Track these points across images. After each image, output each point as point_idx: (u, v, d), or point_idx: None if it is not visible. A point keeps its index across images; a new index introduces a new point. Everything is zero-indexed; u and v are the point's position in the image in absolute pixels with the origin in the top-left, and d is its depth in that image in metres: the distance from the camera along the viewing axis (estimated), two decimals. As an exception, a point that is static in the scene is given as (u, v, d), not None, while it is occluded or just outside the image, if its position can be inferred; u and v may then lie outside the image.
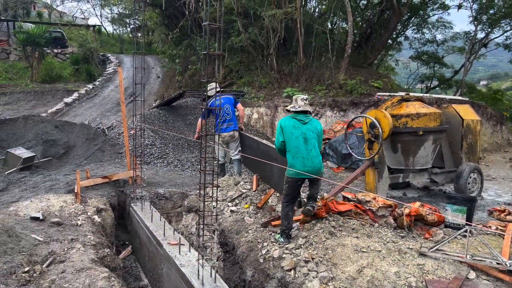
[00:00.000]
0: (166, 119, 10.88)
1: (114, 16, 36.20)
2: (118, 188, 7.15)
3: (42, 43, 22.91)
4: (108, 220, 6.05)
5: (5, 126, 8.93)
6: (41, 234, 4.90)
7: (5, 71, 24.28)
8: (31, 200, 5.94)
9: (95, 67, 24.58)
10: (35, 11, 36.40)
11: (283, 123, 4.79)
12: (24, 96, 21.22)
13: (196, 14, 14.06)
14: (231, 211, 6.00)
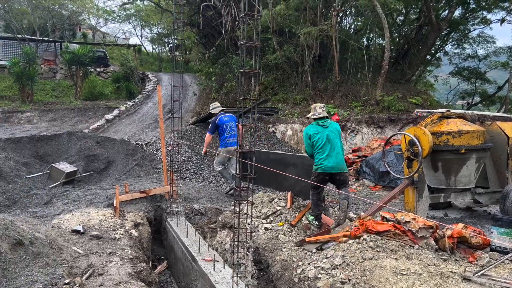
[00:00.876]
0: (202, 135, 11.06)
1: (154, 36, 37.58)
2: (155, 202, 7.28)
3: (86, 62, 24.06)
4: (145, 234, 6.16)
5: (50, 141, 9.38)
6: (81, 247, 5.05)
7: (51, 89, 25.63)
8: (73, 213, 6.15)
9: (135, 85, 25.48)
10: (81, 32, 38.39)
11: (309, 131, 5.65)
12: (68, 112, 22.26)
13: (232, 33, 14.35)
14: (265, 229, 5.96)
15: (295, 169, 6.29)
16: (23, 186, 7.34)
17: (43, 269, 4.16)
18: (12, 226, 4.51)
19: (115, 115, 18.79)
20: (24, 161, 8.42)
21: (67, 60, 23.80)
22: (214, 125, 7.55)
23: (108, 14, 35.40)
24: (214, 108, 7.83)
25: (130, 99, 23.32)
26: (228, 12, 13.55)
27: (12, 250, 4.13)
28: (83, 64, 24.00)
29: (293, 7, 12.18)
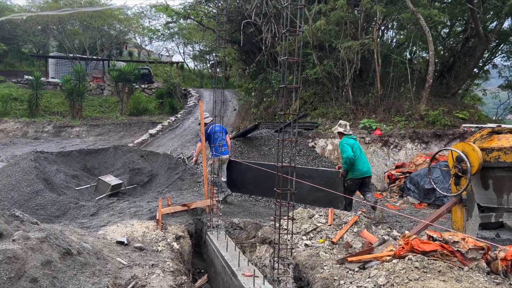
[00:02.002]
0: (242, 149, 11.15)
1: (196, 53, 38.65)
2: (195, 216, 7.38)
3: (131, 79, 25.10)
4: (186, 247, 6.24)
5: (98, 155, 9.80)
6: (125, 258, 5.18)
7: (99, 105, 26.88)
8: (117, 225, 6.34)
9: (177, 101, 26.22)
10: (127, 50, 40.17)
11: (349, 142, 7.03)
12: (114, 127, 23.22)
13: (272, 48, 14.50)
14: (305, 245, 5.86)
15: (312, 180, 7.14)
16: (72, 197, 7.68)
17: (89, 278, 4.29)
18: (62, 236, 4.71)
19: (158, 130, 19.37)
20: (73, 174, 8.83)
21: (114, 77, 24.96)
22: (206, 134, 7.77)
23: (153, 33, 36.85)
24: (206, 118, 7.97)
25: (173, 114, 24.01)
26: (268, 28, 13.73)
27: (61, 259, 4.30)
28: (129, 81, 25.07)
29: (333, 22, 12.16)
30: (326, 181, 7.01)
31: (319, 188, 6.76)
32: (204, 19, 18.08)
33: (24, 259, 3.88)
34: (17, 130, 22.10)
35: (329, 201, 7.03)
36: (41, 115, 23.85)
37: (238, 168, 8.13)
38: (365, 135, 11.15)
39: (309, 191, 7.07)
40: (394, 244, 5.17)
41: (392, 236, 6.02)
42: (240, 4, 13.81)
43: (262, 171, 7.55)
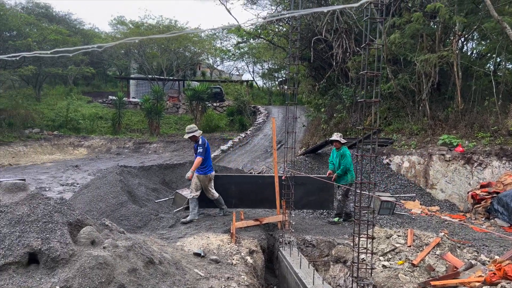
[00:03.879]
0: (312, 166, 11.06)
1: (264, 71, 39.41)
2: (267, 231, 7.40)
3: (204, 98, 26.18)
4: (259, 262, 6.27)
5: (175, 169, 10.29)
6: (202, 269, 5.33)
7: (174, 123, 28.31)
8: (194, 237, 6.56)
9: (247, 118, 26.81)
10: (200, 71, 42.09)
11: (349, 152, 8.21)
12: (188, 144, 24.24)
13: (343, 64, 14.34)
14: (383, 266, 5.61)
15: (304, 187, 7.82)
16: (152, 209, 8.11)
17: (170, 287, 4.47)
18: (145, 245, 4.98)
19: (229, 146, 19.90)
20: (153, 187, 9.34)
21: (188, 96, 26.23)
22: (205, 148, 7.31)
23: (224, 53, 38.33)
24: (195, 131, 7.39)
25: (242, 131, 24.56)
26: (340, 44, 13.63)
27: (145, 267, 4.53)
28: (202, 99, 26.19)
29: (408, 35, 11.74)
30: (318, 187, 7.84)
31: (310, 193, 7.82)
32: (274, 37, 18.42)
33: (113, 265, 4.15)
34: (102, 146, 23.98)
35: (320, 203, 7.98)
36: (123, 132, 25.68)
37: (220, 182, 8.01)
38: (445, 152, 10.50)
39: (301, 196, 7.78)
40: (483, 270, 4.77)
41: (480, 260, 5.56)
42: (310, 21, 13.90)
43: (247, 183, 8.03)
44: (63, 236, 4.27)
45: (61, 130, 24.76)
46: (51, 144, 23.09)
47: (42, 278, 3.89)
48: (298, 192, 7.59)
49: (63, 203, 4.79)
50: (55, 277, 3.88)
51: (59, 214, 4.55)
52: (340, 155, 8.04)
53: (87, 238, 4.42)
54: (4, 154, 20.29)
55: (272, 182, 7.61)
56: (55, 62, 27.41)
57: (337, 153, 8.21)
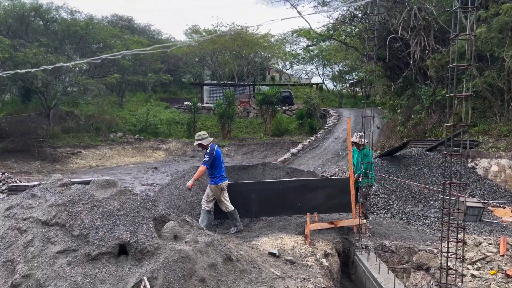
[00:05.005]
0: (388, 169, 10.60)
1: (335, 73, 38.76)
2: (342, 235, 7.22)
3: (274, 102, 26.40)
4: (334, 265, 6.14)
5: (248, 170, 10.45)
6: (277, 269, 5.33)
7: (245, 127, 28.87)
8: (268, 237, 6.60)
9: (316, 121, 26.54)
10: (269, 75, 42.53)
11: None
12: (258, 147, 24.61)
13: (421, 62, 13.61)
14: (471, 275, 5.19)
15: (327, 190, 7.45)
16: (227, 209, 8.28)
17: (248, 285, 4.53)
18: (223, 242, 5.10)
19: (299, 149, 19.82)
20: (227, 188, 9.55)
21: (258, 100, 26.63)
22: (211, 157, 6.75)
23: (294, 57, 38.35)
24: (204, 139, 6.87)
25: (312, 134, 24.33)
26: (417, 42, 12.95)
27: (223, 263, 4.64)
28: (272, 103, 26.43)
29: (496, 29, 10.82)
30: (340, 189, 7.40)
31: (333, 196, 7.40)
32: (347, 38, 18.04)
33: (194, 260, 4.30)
34: (178, 149, 25.14)
35: (343, 206, 7.40)
36: (197, 136, 26.72)
37: (239, 190, 7.57)
38: (541, 154, 9.49)
39: (324, 200, 7.43)
40: None
41: None
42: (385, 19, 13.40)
43: (267, 189, 7.55)
44: (149, 230, 4.52)
45: (141, 134, 26.41)
46: (132, 147, 24.71)
47: (131, 269, 4.14)
48: (320, 196, 7.43)
49: (148, 199, 5.08)
50: (142, 268, 4.11)
51: (145, 209, 4.83)
52: (363, 155, 7.59)
53: (170, 233, 4.63)
54: (92, 156, 22.11)
55: (294, 186, 7.49)
56: (136, 70, 29.35)
57: (359, 153, 7.76)
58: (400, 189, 9.68)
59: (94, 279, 3.98)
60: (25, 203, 5.15)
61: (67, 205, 4.73)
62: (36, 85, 22.37)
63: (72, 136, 23.80)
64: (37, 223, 4.63)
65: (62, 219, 4.57)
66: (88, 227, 4.44)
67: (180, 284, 4.01)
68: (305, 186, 7.54)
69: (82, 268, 4.09)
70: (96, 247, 4.25)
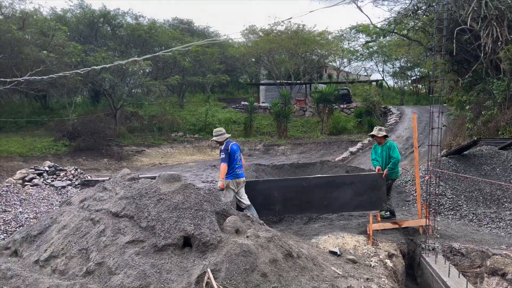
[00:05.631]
0: (457, 168, 9.99)
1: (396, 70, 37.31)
2: (406, 235, 6.91)
3: (331, 100, 25.93)
4: (399, 266, 5.89)
5: (306, 168, 10.39)
6: (339, 268, 5.21)
7: (301, 125, 28.66)
8: (329, 235, 6.48)
9: (376, 119, 25.70)
10: (326, 73, 41.91)
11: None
12: (315, 146, 24.31)
13: (493, 55, 12.67)
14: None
15: (354, 186, 7.16)
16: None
17: (309, 282, 4.47)
18: (283, 239, 5.08)
19: (358, 148, 19.31)
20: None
21: (315, 99, 26.31)
22: (227, 153, 6.69)
23: (352, 54, 37.43)
24: (219, 135, 6.89)
25: (372, 133, 23.58)
26: (489, 33, 12.06)
27: (284, 259, 4.62)
28: (329, 101, 25.99)
29: None
30: (369, 185, 7.15)
31: (360, 193, 7.10)
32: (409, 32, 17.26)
33: (256, 254, 4.32)
34: (235, 148, 25.55)
35: (373, 203, 7.16)
36: (253, 135, 26.98)
37: (262, 188, 7.31)
38: None
39: (351, 198, 7.16)
40: None
41: None
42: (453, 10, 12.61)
43: (290, 187, 7.27)
44: (211, 223, 4.61)
45: (200, 134, 27.16)
46: (192, 146, 25.49)
47: (195, 260, 4.25)
48: (347, 193, 7.14)
49: (210, 193, 5.19)
50: (206, 260, 4.20)
51: (208, 203, 4.94)
52: (388, 148, 7.29)
53: (232, 227, 4.69)
54: (156, 155, 23.12)
55: (319, 184, 7.25)
56: (196, 71, 30.24)
57: (382, 147, 7.43)
58: (470, 189, 9.07)
59: (160, 269, 4.13)
60: (97, 196, 5.48)
61: (135, 198, 4.96)
62: (104, 88, 23.80)
63: (137, 135, 25.03)
64: (108, 215, 4.90)
65: (131, 211, 4.80)
66: (155, 219, 4.63)
67: (242, 278, 4.04)
68: (330, 183, 7.28)
69: (149, 258, 4.26)
70: (163, 239, 4.41)
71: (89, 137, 21.13)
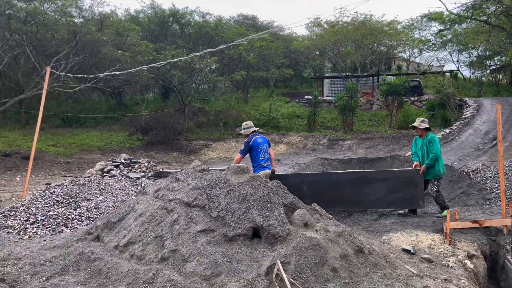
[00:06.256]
0: (549, 165, 9.07)
1: (473, 59, 34.70)
2: (488, 236, 6.41)
3: (401, 92, 24.77)
4: (480, 268, 5.48)
5: (375, 163, 10.03)
6: (413, 267, 4.96)
7: (368, 119, 27.75)
8: (401, 233, 6.20)
9: (451, 112, 24.16)
10: (395, 65, 40.11)
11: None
12: (383, 140, 23.40)
13: None
14: None
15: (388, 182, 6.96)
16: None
17: (382, 279, 4.30)
18: (354, 234, 4.94)
19: (430, 143, 18.24)
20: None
21: (384, 91, 25.27)
22: (247, 146, 6.95)
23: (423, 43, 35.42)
24: (245, 129, 7.14)
25: (446, 126, 22.21)
26: None
27: (355, 255, 4.48)
28: (399, 94, 24.83)
29: None
30: (404, 181, 6.94)
31: (395, 189, 6.88)
32: (491, 17, 15.91)
33: (325, 248, 4.24)
34: (299, 142, 25.37)
35: (408, 201, 6.96)
36: (317, 130, 26.61)
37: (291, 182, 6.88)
38: None
39: (384, 194, 6.97)
40: None
41: None
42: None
43: (320, 181, 7.19)
44: (280, 215, 4.60)
45: (264, 128, 27.34)
46: (256, 140, 25.77)
47: (264, 252, 4.27)
48: (380, 189, 6.96)
49: (278, 186, 5.18)
50: (275, 252, 4.20)
51: (276, 195, 4.93)
52: (428, 142, 6.89)
53: (300, 220, 4.65)
54: (221, 149, 23.70)
55: (349, 179, 7.16)
56: (260, 66, 30.46)
57: (422, 141, 7.05)
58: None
59: (231, 258, 4.20)
60: (170, 186, 5.71)
61: (206, 188, 5.10)
62: (174, 84, 24.82)
63: (204, 130, 25.83)
64: (181, 204, 5.09)
65: (202, 201, 4.94)
66: (225, 209, 4.72)
67: (312, 271, 3.99)
68: (362, 178, 7.17)
69: (220, 247, 4.36)
70: (233, 229, 4.49)
71: (160, 132, 22.19)
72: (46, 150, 18.76)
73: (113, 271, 4.37)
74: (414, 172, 7.02)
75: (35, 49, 17.98)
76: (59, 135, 22.38)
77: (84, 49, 18.84)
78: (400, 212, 7.22)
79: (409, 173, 7.08)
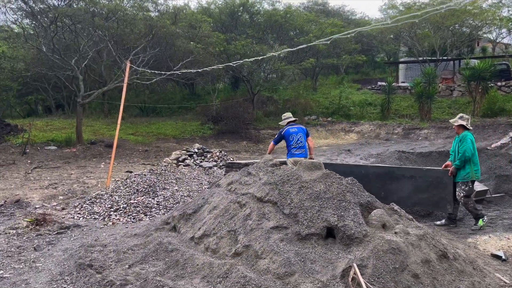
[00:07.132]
0: None
1: None
2: None
3: (486, 77, 22.72)
4: None
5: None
6: (505, 275, 4.52)
7: (447, 107, 25.88)
8: (489, 235, 5.69)
9: (547, 98, 21.68)
10: (479, 47, 36.84)
11: (472, 138, 6.23)
12: (465, 130, 21.68)
13: None
14: None
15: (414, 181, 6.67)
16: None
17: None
18: (436, 237, 4.59)
19: (521, 133, 16.56)
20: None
21: (466, 76, 23.36)
22: (279, 135, 7.66)
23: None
24: (284, 120, 7.80)
25: (540, 115, 19.99)
26: None
27: (438, 260, 4.17)
28: (483, 79, 22.79)
29: None
30: (432, 181, 6.56)
31: (420, 189, 6.61)
32: None
33: (406, 253, 3.98)
34: (371, 131, 24.43)
35: (434, 203, 6.61)
36: (391, 118, 25.39)
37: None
38: None
39: (410, 193, 6.72)
40: None
41: None
42: None
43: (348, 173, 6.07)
44: (355, 215, 4.41)
45: (333, 117, 26.70)
46: (325, 129, 25.24)
47: (339, 253, 4.12)
48: (407, 187, 6.73)
49: (353, 183, 4.97)
50: (351, 254, 4.04)
51: (351, 194, 4.74)
52: (459, 141, 6.24)
53: (378, 221, 4.42)
54: (290, 138, 23.60)
55: (377, 173, 7.08)
56: (330, 53, 29.64)
57: (456, 139, 6.46)
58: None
59: (304, 258, 4.12)
60: (242, 180, 5.74)
61: (277, 184, 5.04)
62: (243, 74, 25.06)
63: (272, 119, 25.83)
64: (253, 199, 5.08)
65: (274, 197, 4.89)
66: (297, 206, 4.63)
67: (391, 277, 3.77)
68: (389, 174, 7.09)
69: (293, 245, 4.28)
70: (306, 227, 4.39)
71: (230, 121, 22.60)
72: (127, 139, 20.01)
73: (189, 263, 4.50)
74: (443, 172, 6.47)
75: (116, 43, 19.11)
76: (137, 124, 23.76)
77: (160, 42, 19.63)
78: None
79: (437, 173, 6.62)
